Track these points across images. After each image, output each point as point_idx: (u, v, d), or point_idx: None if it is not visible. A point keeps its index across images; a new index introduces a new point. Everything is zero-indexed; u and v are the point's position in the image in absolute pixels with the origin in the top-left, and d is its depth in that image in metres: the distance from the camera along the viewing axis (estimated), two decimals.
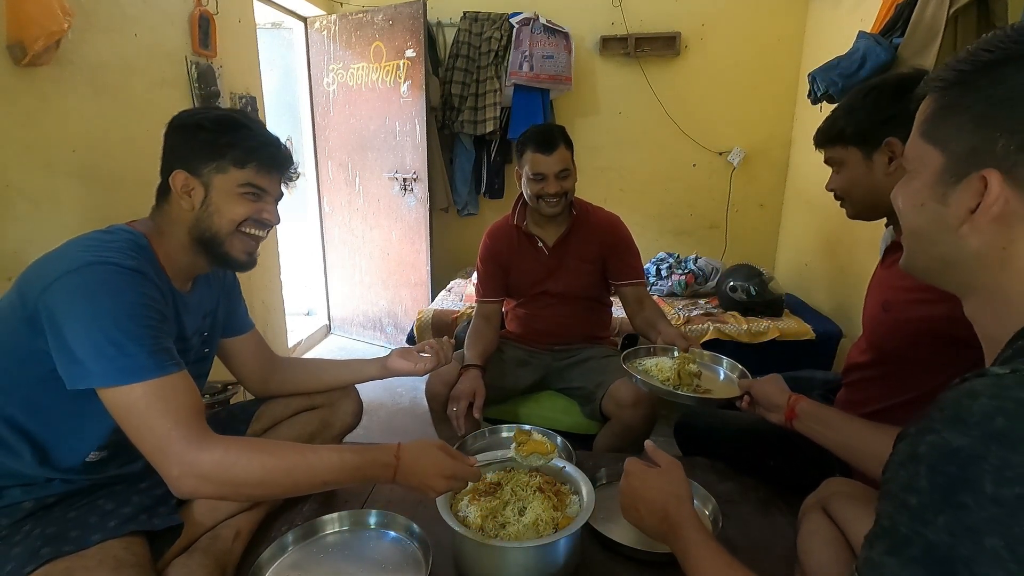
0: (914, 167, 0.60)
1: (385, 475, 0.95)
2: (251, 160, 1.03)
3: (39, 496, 0.96)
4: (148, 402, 0.85)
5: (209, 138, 1.00)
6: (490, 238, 1.86)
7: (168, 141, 1.04)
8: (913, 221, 0.60)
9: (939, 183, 0.56)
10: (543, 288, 1.82)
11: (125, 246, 0.94)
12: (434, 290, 3.26)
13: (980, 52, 0.53)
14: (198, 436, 0.87)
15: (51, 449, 0.96)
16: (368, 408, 1.48)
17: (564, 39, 3.23)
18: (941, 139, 0.56)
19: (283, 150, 1.09)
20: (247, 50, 2.59)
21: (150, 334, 0.88)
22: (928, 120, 0.58)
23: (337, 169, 3.49)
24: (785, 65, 3.31)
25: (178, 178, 1.01)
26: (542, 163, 1.64)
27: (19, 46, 1.42)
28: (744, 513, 1.23)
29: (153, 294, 0.93)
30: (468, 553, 0.99)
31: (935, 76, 0.58)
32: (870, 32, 2.11)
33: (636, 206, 3.60)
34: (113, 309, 0.86)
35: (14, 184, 1.48)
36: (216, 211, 1.03)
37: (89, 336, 0.84)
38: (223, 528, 1.07)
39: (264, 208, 1.07)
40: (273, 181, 1.08)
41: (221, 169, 1.01)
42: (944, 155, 0.55)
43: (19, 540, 0.89)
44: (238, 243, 1.06)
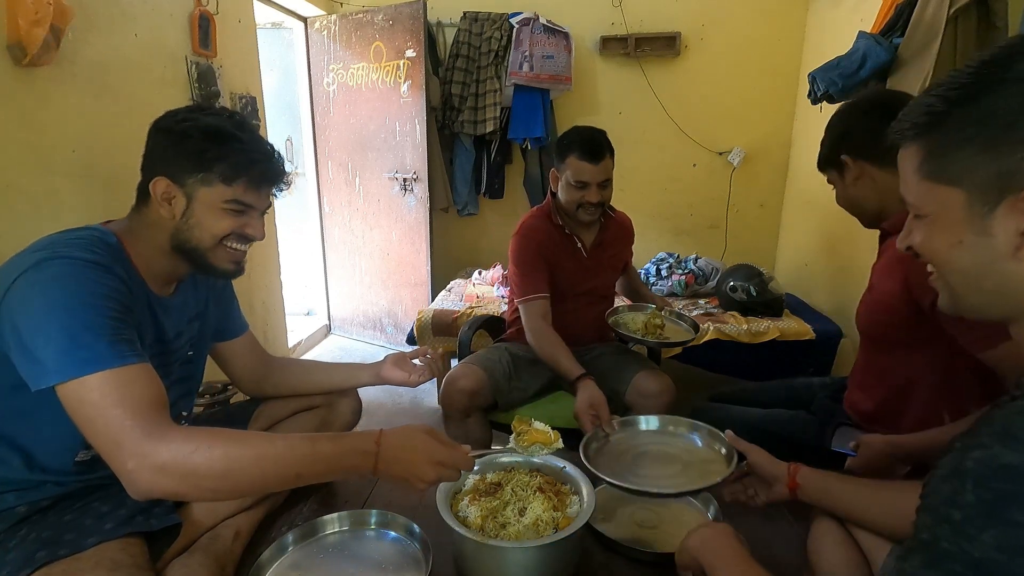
0: (930, 212, 0.58)
1: (365, 464, 0.87)
2: (240, 176, 0.97)
3: (33, 500, 0.95)
4: (103, 392, 0.79)
5: (196, 148, 0.95)
6: (527, 236, 1.76)
7: (151, 143, 0.99)
8: (955, 262, 0.58)
9: (972, 218, 0.54)
10: (580, 289, 1.81)
11: (86, 242, 0.90)
12: (434, 290, 3.26)
13: (951, 90, 0.54)
14: (156, 427, 0.80)
15: (37, 453, 0.95)
16: (368, 408, 1.47)
17: (564, 39, 3.23)
18: (954, 177, 0.54)
19: (275, 164, 1.04)
20: (247, 50, 2.59)
21: (108, 324, 0.83)
22: (926, 163, 0.57)
23: (337, 169, 3.49)
24: (785, 65, 3.31)
25: (159, 185, 0.96)
26: (587, 172, 1.62)
27: (19, 46, 1.42)
28: (747, 515, 1.22)
29: (114, 285, 0.88)
30: (468, 553, 0.99)
31: (907, 124, 0.58)
32: (870, 32, 2.11)
33: (636, 206, 3.57)
34: (66, 300, 0.82)
35: (14, 184, 1.48)
36: (197, 224, 0.98)
37: (42, 330, 0.80)
38: (223, 528, 1.07)
39: (248, 223, 1.03)
40: (261, 196, 1.03)
41: (207, 182, 0.96)
42: (965, 190, 0.54)
43: (14, 545, 0.88)
44: (222, 254, 1.02)
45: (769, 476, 1.01)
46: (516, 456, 1.18)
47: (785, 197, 3.50)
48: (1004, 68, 0.51)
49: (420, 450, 0.90)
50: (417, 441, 0.91)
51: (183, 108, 1.01)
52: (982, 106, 0.51)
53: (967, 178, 0.53)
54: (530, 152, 3.45)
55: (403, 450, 0.89)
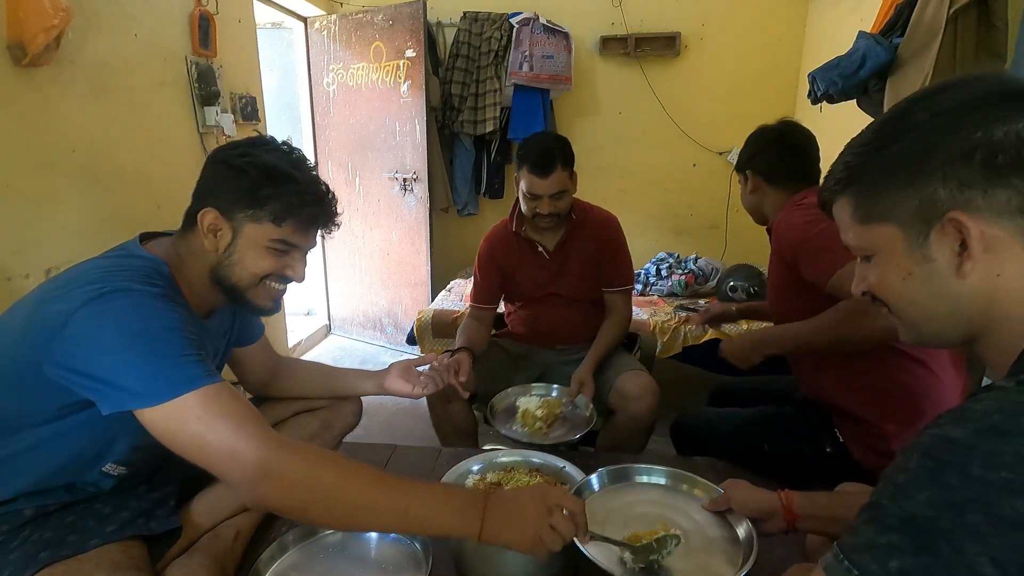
0: (874, 251, 0.63)
1: (474, 510, 0.81)
2: (290, 217, 0.95)
3: (40, 504, 0.96)
4: (205, 408, 0.79)
5: (251, 185, 0.93)
6: (488, 245, 1.83)
7: (206, 174, 0.98)
8: (908, 293, 0.61)
9: (912, 249, 0.59)
10: (547, 291, 1.81)
11: (144, 274, 0.89)
12: (434, 290, 3.26)
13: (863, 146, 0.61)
14: (269, 434, 0.81)
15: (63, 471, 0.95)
16: (368, 408, 1.48)
17: (564, 39, 3.23)
18: (885, 215, 0.60)
19: (328, 207, 1.02)
20: (247, 50, 2.59)
21: (191, 347, 0.84)
22: (858, 209, 0.62)
23: (337, 169, 3.49)
24: (785, 65, 3.31)
25: (207, 217, 0.94)
26: (537, 185, 1.61)
27: (19, 46, 1.42)
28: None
29: (183, 315, 0.88)
30: (468, 553, 0.99)
31: (832, 181, 0.65)
32: (870, 32, 2.11)
33: (636, 206, 3.60)
34: (145, 327, 0.82)
35: (14, 184, 1.48)
36: (239, 261, 0.96)
37: (122, 358, 0.79)
38: (223, 528, 1.07)
39: (290, 264, 1.00)
40: (308, 238, 1.01)
41: (256, 219, 0.94)
42: (898, 225, 0.59)
43: (17, 545, 0.89)
44: (261, 292, 1.01)
45: (759, 513, 0.95)
46: (516, 456, 1.18)
47: None
48: (901, 119, 0.59)
49: (527, 497, 0.84)
50: (524, 492, 0.86)
51: (244, 141, 1.00)
52: (892, 152, 0.58)
53: (896, 213, 0.58)
54: None
55: (513, 496, 0.85)
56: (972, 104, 0.55)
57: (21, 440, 0.90)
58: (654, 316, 2.56)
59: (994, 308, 0.56)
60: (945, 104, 0.56)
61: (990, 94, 0.55)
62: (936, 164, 0.55)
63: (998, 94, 0.54)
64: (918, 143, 0.56)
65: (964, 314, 0.58)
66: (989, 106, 0.54)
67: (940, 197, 0.55)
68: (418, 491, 0.82)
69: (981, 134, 0.53)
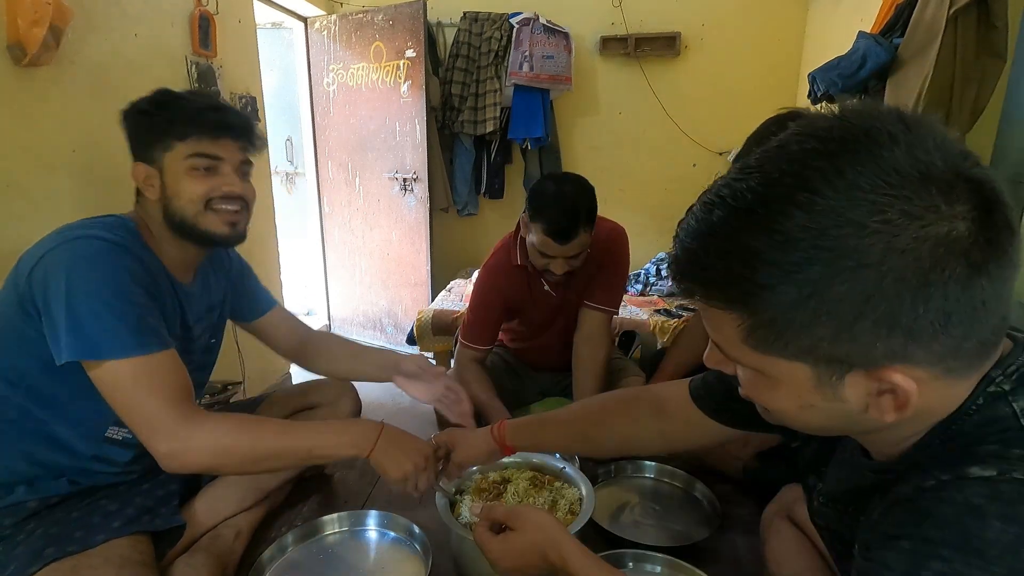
0: (768, 377, 0.50)
1: (369, 436, 0.96)
2: (191, 129, 0.98)
3: (43, 496, 0.96)
4: (134, 380, 0.86)
5: (150, 120, 0.99)
6: (492, 279, 1.63)
7: (126, 134, 1.03)
8: (807, 420, 0.52)
9: (820, 386, 0.48)
10: (552, 329, 1.69)
11: (113, 226, 0.95)
12: (434, 290, 3.26)
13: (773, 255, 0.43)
14: (187, 412, 0.88)
15: (66, 436, 0.96)
16: (368, 408, 1.47)
17: (564, 39, 3.22)
18: (796, 354, 0.46)
19: (229, 113, 1.03)
20: (247, 50, 2.59)
21: (134, 311, 0.88)
22: (754, 335, 0.47)
23: (337, 169, 3.49)
24: (785, 65, 3.30)
25: (138, 172, 1.01)
26: (553, 249, 1.40)
27: (19, 46, 1.42)
28: (744, 514, 1.23)
29: (138, 271, 0.93)
30: (468, 554, 0.99)
31: (713, 289, 0.48)
32: (870, 32, 2.11)
33: (636, 206, 3.59)
34: (97, 282, 0.86)
35: (14, 184, 1.48)
36: (174, 195, 0.99)
37: (71, 309, 0.85)
38: (224, 528, 1.07)
39: (223, 180, 1.02)
40: (224, 147, 1.01)
41: (167, 147, 0.98)
42: (810, 365, 0.47)
43: (22, 540, 0.89)
44: (213, 218, 1.02)
45: (485, 456, 1.02)
46: (515, 457, 1.18)
47: None
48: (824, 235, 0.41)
49: (410, 450, 0.98)
50: (410, 442, 0.99)
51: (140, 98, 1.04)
52: (819, 291, 0.42)
53: (812, 355, 0.46)
54: (530, 152, 3.45)
55: (404, 437, 0.99)
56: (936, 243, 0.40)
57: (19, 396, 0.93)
58: (654, 316, 2.56)
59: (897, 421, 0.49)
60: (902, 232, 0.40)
61: None
62: (879, 315, 0.42)
63: None
64: (858, 288, 0.41)
65: (861, 425, 0.52)
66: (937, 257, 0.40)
67: (876, 350, 0.44)
68: (319, 432, 0.97)
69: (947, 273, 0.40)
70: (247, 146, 1.06)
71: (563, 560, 0.72)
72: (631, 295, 2.98)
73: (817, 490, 0.67)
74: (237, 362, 2.35)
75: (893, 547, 0.46)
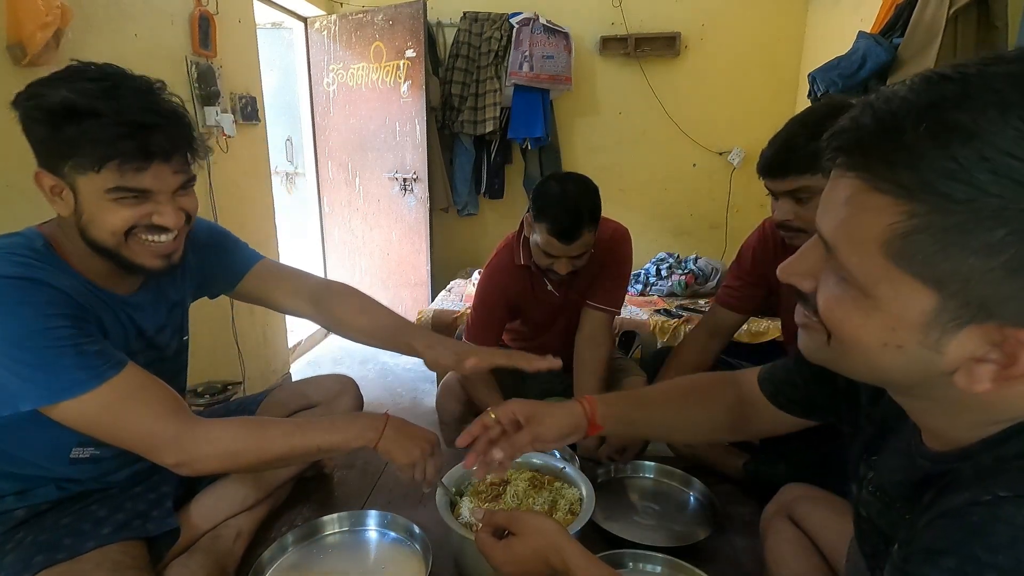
0: (876, 294, 0.43)
1: (376, 426, 0.95)
2: (110, 158, 0.77)
3: (33, 503, 0.95)
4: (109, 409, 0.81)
5: (53, 132, 0.77)
6: (492, 278, 1.62)
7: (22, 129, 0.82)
8: (876, 358, 0.45)
9: (929, 327, 0.41)
10: (554, 320, 1.69)
11: (16, 250, 0.82)
12: (434, 290, 3.26)
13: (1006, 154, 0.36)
14: (184, 422, 0.86)
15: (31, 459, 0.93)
16: (368, 408, 1.47)
17: (564, 39, 3.22)
18: (936, 279, 0.40)
19: (157, 131, 0.80)
20: (247, 50, 2.59)
21: (68, 344, 0.78)
22: (905, 241, 0.40)
23: (337, 169, 3.49)
24: (785, 65, 3.31)
25: (41, 180, 0.82)
26: (557, 248, 1.40)
27: (19, 46, 1.42)
28: (744, 514, 1.23)
29: (53, 298, 0.80)
30: (468, 554, 0.99)
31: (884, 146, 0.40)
32: (870, 32, 2.11)
33: (636, 206, 3.60)
34: (14, 330, 0.76)
35: (14, 184, 1.48)
36: (91, 221, 0.82)
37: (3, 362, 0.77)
38: (224, 528, 1.07)
39: (153, 210, 0.83)
40: (154, 175, 0.81)
41: (80, 169, 0.78)
42: (940, 297, 0.40)
43: (11, 548, 0.88)
44: (139, 250, 0.86)
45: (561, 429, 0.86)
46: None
47: None
48: None
49: (417, 436, 0.98)
50: (416, 430, 1.00)
51: (46, 77, 0.80)
52: (1013, 213, 0.36)
53: (954, 286, 0.39)
54: (530, 152, 3.45)
55: (409, 427, 0.99)
56: None
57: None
58: (654, 316, 2.56)
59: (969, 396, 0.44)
60: None
61: None
62: None
63: None
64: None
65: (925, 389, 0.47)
66: None
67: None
68: (325, 429, 0.95)
69: None
70: (184, 165, 0.86)
71: (565, 564, 0.72)
72: (631, 295, 2.98)
73: (867, 479, 0.64)
74: (237, 362, 2.34)
75: (936, 563, 0.42)
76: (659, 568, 1.02)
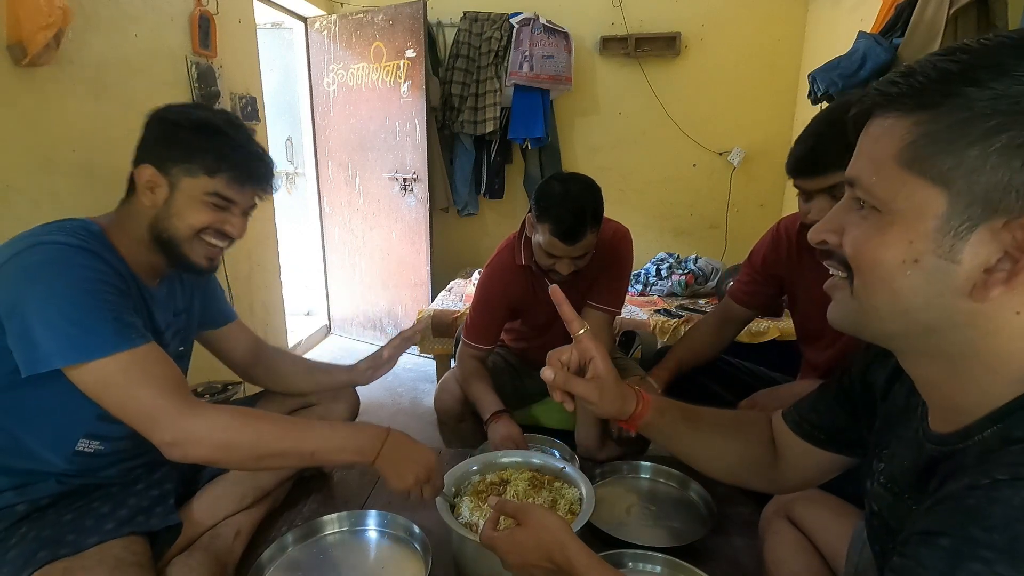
0: (891, 212, 0.46)
1: (373, 444, 0.96)
2: (223, 169, 0.98)
3: (33, 498, 0.95)
4: (125, 375, 0.85)
5: (185, 138, 0.97)
6: (493, 277, 1.63)
7: (145, 133, 1.01)
8: (899, 282, 0.47)
9: (943, 233, 0.44)
10: (554, 327, 1.67)
11: (73, 229, 0.92)
12: (434, 290, 3.26)
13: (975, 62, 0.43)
14: (186, 403, 0.88)
15: (36, 446, 0.95)
16: (368, 408, 1.48)
17: (564, 39, 3.23)
18: (945, 175, 0.43)
19: (262, 164, 1.04)
20: (247, 50, 2.59)
21: (108, 307, 0.86)
22: (915, 147, 0.45)
23: (337, 169, 3.49)
24: (785, 65, 3.31)
25: (144, 172, 0.97)
26: (560, 249, 1.40)
27: (19, 46, 1.42)
28: (743, 514, 1.23)
29: (105, 269, 0.90)
30: (468, 554, 0.99)
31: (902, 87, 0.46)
32: (870, 32, 2.11)
33: (636, 206, 3.60)
34: (64, 285, 0.84)
35: (14, 184, 1.48)
36: (176, 214, 0.98)
37: (43, 315, 0.82)
38: (224, 527, 1.07)
39: (228, 220, 1.01)
40: (244, 194, 1.02)
41: (191, 172, 0.97)
42: (949, 195, 0.43)
43: (14, 544, 0.89)
44: (198, 248, 1.01)
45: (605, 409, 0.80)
46: (516, 457, 1.18)
47: (785, 197, 3.50)
48: None
49: (418, 455, 0.98)
50: (419, 448, 1.00)
51: (182, 103, 1.04)
52: (1011, 95, 0.40)
53: (961, 182, 0.43)
54: (530, 152, 3.45)
55: (406, 445, 0.99)
56: None
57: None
58: (654, 316, 2.56)
59: (986, 343, 0.46)
60: None
61: None
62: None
63: None
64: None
65: (946, 334, 0.47)
66: None
67: None
68: (323, 435, 0.96)
69: None
70: (263, 194, 1.07)
71: (568, 561, 0.72)
72: (631, 295, 2.98)
73: (878, 471, 0.64)
74: None
75: (932, 544, 0.43)
76: (659, 568, 1.03)
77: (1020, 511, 0.40)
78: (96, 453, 0.98)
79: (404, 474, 0.96)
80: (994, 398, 0.47)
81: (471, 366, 1.63)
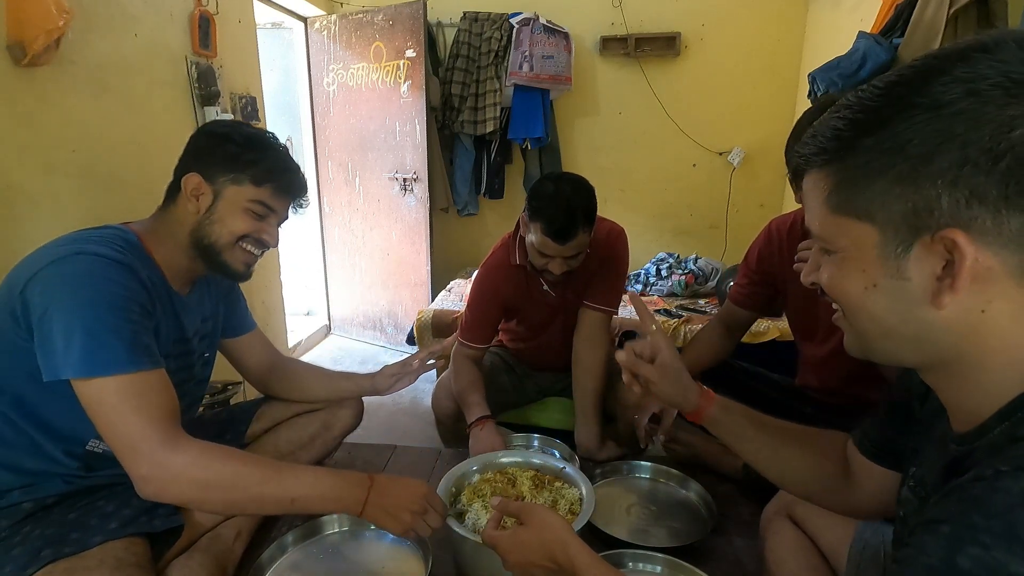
0: (839, 248, 0.53)
1: (357, 495, 0.95)
2: (270, 180, 1.04)
3: (39, 497, 0.96)
4: (121, 396, 0.85)
5: (235, 151, 1.02)
6: (490, 279, 1.64)
7: (192, 143, 1.06)
8: (869, 307, 0.52)
9: (886, 258, 0.49)
10: (551, 321, 1.69)
11: (112, 239, 0.95)
12: (434, 290, 3.26)
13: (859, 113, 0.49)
14: (171, 436, 0.87)
15: (47, 444, 0.96)
16: (368, 408, 1.48)
17: (564, 39, 3.23)
18: (866, 211, 0.49)
19: (301, 178, 1.12)
20: (247, 50, 2.59)
21: (128, 327, 0.88)
22: (835, 193, 0.51)
23: (337, 169, 3.49)
24: (785, 65, 3.31)
25: (191, 180, 1.02)
26: (552, 248, 1.40)
27: (19, 46, 1.42)
28: (744, 514, 1.23)
29: (135, 287, 0.92)
30: (468, 554, 0.99)
31: (813, 148, 0.52)
32: (870, 32, 2.11)
33: (636, 206, 3.60)
34: (92, 298, 0.86)
35: (14, 184, 1.48)
36: (219, 220, 1.03)
37: (65, 325, 0.84)
38: (224, 528, 1.07)
39: (266, 228, 1.08)
40: (283, 204, 1.10)
41: (237, 182, 1.03)
42: (878, 227, 0.49)
43: (19, 541, 0.89)
44: (237, 254, 1.07)
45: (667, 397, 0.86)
46: (516, 457, 1.18)
47: (785, 197, 3.50)
48: (916, 91, 0.45)
49: (406, 494, 0.96)
50: (406, 486, 0.98)
51: (227, 120, 1.14)
52: (895, 134, 0.46)
53: (880, 213, 0.48)
54: (530, 152, 3.45)
55: (393, 488, 0.97)
56: (1018, 85, 0.42)
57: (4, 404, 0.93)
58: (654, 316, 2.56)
59: (970, 344, 0.49)
60: (983, 77, 0.43)
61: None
62: (947, 163, 0.44)
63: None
64: (931, 129, 0.44)
65: (932, 342, 0.50)
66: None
67: (940, 207, 0.45)
68: (305, 483, 0.93)
69: (1019, 133, 0.41)
70: (298, 207, 1.15)
71: (570, 561, 0.73)
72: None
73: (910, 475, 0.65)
74: None
75: (933, 531, 0.44)
76: (659, 568, 1.03)
77: (1019, 498, 0.41)
78: (105, 453, 0.99)
79: (399, 516, 0.95)
80: (999, 395, 0.49)
81: (465, 367, 1.63)
